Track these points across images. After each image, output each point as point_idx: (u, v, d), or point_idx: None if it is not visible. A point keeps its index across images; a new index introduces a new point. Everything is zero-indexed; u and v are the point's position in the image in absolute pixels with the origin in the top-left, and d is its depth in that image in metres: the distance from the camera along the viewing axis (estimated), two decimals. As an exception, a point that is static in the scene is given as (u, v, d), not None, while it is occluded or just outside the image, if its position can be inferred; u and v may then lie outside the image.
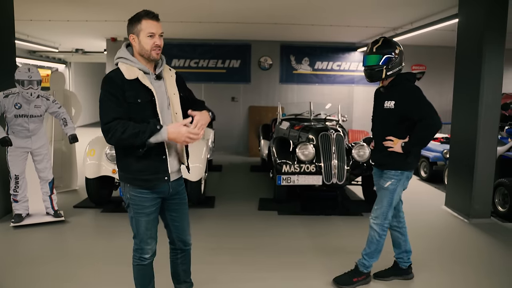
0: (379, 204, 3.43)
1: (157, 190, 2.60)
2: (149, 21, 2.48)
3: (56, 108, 5.11)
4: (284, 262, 4.07)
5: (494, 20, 5.18)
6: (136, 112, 2.45)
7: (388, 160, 3.40)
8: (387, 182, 3.40)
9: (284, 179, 5.51)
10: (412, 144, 3.29)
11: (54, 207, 5.14)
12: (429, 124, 3.22)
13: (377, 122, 3.56)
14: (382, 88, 3.45)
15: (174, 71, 2.73)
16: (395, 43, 3.37)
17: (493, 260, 4.25)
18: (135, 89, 2.45)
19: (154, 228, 2.70)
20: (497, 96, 5.36)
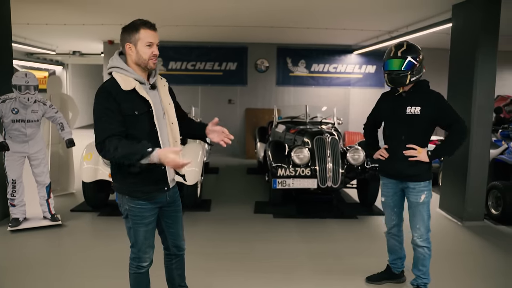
0: (420, 221, 3.29)
1: (156, 201, 2.60)
2: (148, 31, 2.46)
3: (53, 113, 5.15)
4: (278, 266, 4.12)
5: (487, 24, 5.24)
6: (133, 124, 2.43)
7: (416, 172, 3.24)
8: (421, 196, 3.26)
9: (279, 182, 5.55)
10: (442, 152, 3.24)
11: (51, 211, 5.18)
12: (460, 129, 3.16)
13: (397, 129, 3.31)
14: (404, 93, 3.27)
15: (165, 80, 2.73)
16: (418, 48, 3.24)
17: (485, 263, 4.31)
18: (131, 100, 2.41)
19: (152, 237, 2.70)
20: (490, 99, 5.42)
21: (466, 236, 5.07)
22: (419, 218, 3.30)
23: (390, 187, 3.42)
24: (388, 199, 3.48)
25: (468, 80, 5.42)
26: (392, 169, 3.35)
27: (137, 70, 2.51)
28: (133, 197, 2.54)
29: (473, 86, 5.32)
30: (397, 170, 3.30)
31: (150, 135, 2.47)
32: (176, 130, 2.64)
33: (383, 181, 3.49)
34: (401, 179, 3.33)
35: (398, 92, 3.30)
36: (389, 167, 3.37)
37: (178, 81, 10.55)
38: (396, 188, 3.40)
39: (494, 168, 6.01)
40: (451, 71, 5.86)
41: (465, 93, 5.46)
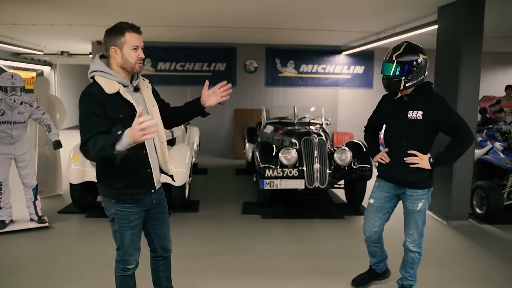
0: (414, 228, 3.21)
1: (142, 203, 2.61)
2: (133, 34, 2.46)
3: (39, 114, 5.13)
4: (265, 266, 4.15)
5: (471, 26, 5.31)
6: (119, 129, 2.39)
7: (417, 179, 3.11)
8: (418, 204, 3.14)
9: (267, 183, 5.58)
10: (445, 160, 3.07)
11: (38, 213, 5.15)
12: (465, 136, 2.97)
13: (398, 134, 3.16)
14: (406, 97, 3.10)
15: (148, 81, 2.72)
16: (418, 50, 3.01)
17: (470, 262, 4.37)
18: (116, 104, 2.41)
19: (139, 240, 2.71)
20: (474, 100, 5.49)
21: (451, 236, 5.14)
22: (413, 224, 3.21)
23: (385, 191, 3.27)
24: (377, 202, 3.31)
25: (453, 81, 5.49)
26: (392, 174, 3.21)
27: (120, 73, 2.50)
28: (119, 201, 2.54)
29: (458, 87, 5.39)
30: (397, 176, 3.17)
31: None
32: (162, 131, 2.64)
33: (380, 183, 3.33)
34: (400, 185, 3.20)
35: (397, 95, 3.15)
36: (389, 172, 3.23)
37: (167, 81, 10.54)
38: (392, 193, 3.26)
39: (478, 168, 6.09)
40: (436, 72, 5.94)
41: (450, 94, 5.53)
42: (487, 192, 5.49)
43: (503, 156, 5.75)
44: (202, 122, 10.41)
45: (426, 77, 3.05)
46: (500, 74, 11.71)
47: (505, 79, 11.53)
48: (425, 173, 3.08)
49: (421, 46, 3.04)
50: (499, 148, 5.92)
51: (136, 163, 2.49)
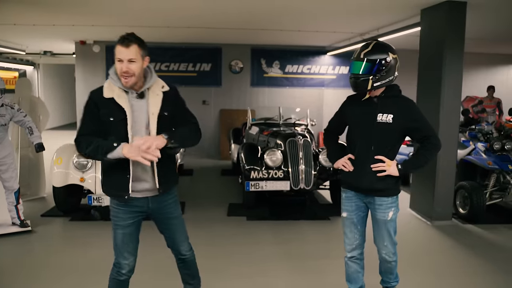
0: (387, 239, 2.99)
1: (132, 204, 2.64)
2: (119, 47, 2.51)
3: (21, 116, 5.06)
4: (250, 269, 4.15)
5: (453, 28, 5.39)
6: (109, 130, 2.55)
7: (384, 186, 2.90)
8: (389, 213, 2.94)
9: (252, 185, 5.58)
10: (413, 166, 2.92)
11: (20, 217, 5.08)
12: (434, 144, 2.86)
13: (365, 138, 2.91)
14: (375, 99, 2.90)
15: (165, 90, 2.67)
16: (387, 49, 2.83)
17: (453, 262, 4.43)
18: (109, 107, 2.53)
19: (132, 243, 2.72)
20: (456, 101, 5.56)
21: (434, 236, 5.20)
22: (386, 235, 2.98)
23: (354, 201, 3.01)
24: (351, 215, 3.03)
25: (436, 82, 5.55)
26: (358, 182, 2.94)
27: None
28: (112, 198, 2.68)
29: (440, 88, 5.46)
30: (364, 184, 2.92)
31: (125, 141, 2.51)
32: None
33: (346, 194, 3.05)
34: (368, 193, 2.95)
35: (364, 97, 2.94)
36: (355, 180, 2.96)
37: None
38: (360, 202, 3.01)
39: (462, 169, 6.17)
40: (420, 73, 6.00)
41: (433, 95, 5.60)
42: (470, 192, 5.55)
43: (485, 157, 5.83)
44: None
45: (395, 77, 2.87)
46: (483, 74, 11.86)
47: (487, 79, 11.70)
48: (392, 179, 2.90)
49: (392, 45, 2.88)
50: (481, 148, 6.00)
51: (116, 166, 2.56)
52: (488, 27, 7.39)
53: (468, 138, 6.52)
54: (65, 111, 18.43)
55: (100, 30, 8.52)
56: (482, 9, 5.78)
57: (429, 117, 5.59)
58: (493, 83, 11.13)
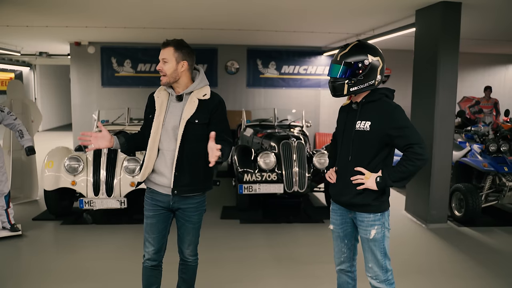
0: (372, 261, 2.67)
1: (156, 198, 2.82)
2: (161, 49, 2.74)
3: (11, 120, 5.00)
4: (242, 275, 4.10)
5: (447, 29, 5.34)
6: (149, 125, 2.79)
7: (363, 201, 2.62)
8: (371, 231, 2.63)
9: (245, 188, 5.53)
10: (394, 178, 2.53)
11: (11, 221, 5.02)
12: (417, 153, 2.46)
13: (344, 148, 2.71)
14: (354, 105, 2.68)
15: (206, 97, 2.73)
16: (367, 50, 2.58)
17: (447, 266, 4.37)
18: (152, 106, 2.81)
19: (154, 234, 2.86)
20: (451, 103, 5.51)
21: (429, 239, 5.15)
22: (370, 256, 2.68)
23: (339, 214, 2.81)
24: (337, 228, 2.84)
25: (430, 83, 5.50)
26: (338, 195, 2.74)
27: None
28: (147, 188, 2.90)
29: (435, 89, 5.41)
30: (344, 198, 2.69)
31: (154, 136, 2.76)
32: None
33: (333, 206, 2.86)
34: (349, 208, 2.72)
35: (349, 102, 2.76)
36: (336, 193, 2.77)
37: (147, 83, 10.44)
38: (346, 216, 2.78)
39: (458, 171, 6.12)
40: (415, 74, 5.95)
41: (428, 96, 5.55)
42: (465, 195, 5.51)
43: (481, 159, 5.79)
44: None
45: (379, 82, 2.61)
46: (480, 74, 11.82)
47: (484, 79, 11.66)
48: (373, 194, 2.59)
49: (375, 46, 2.65)
50: (477, 150, 5.95)
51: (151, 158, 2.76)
52: (484, 27, 7.34)
53: (464, 139, 6.47)
54: (61, 112, 18.39)
55: (95, 31, 8.48)
56: (477, 9, 5.74)
57: (424, 119, 5.61)
58: (490, 83, 11.11)
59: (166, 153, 2.75)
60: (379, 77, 2.60)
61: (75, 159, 5.36)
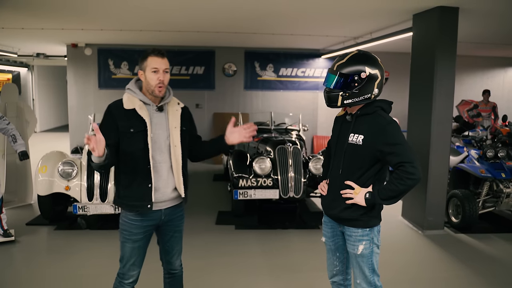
0: (360, 276, 2.60)
1: (148, 218, 2.67)
2: (154, 58, 2.60)
3: (4, 124, 4.96)
4: (235, 282, 4.05)
5: (445, 34, 5.29)
6: (128, 141, 2.59)
7: (351, 216, 2.56)
8: (359, 246, 2.56)
9: (241, 193, 5.49)
10: (382, 196, 2.44)
11: (4, 226, 4.97)
12: (409, 172, 2.36)
13: (335, 159, 2.64)
14: (348, 116, 2.61)
15: (182, 105, 2.80)
16: (366, 62, 2.48)
17: (443, 274, 4.33)
18: (130, 119, 2.58)
19: (140, 256, 2.75)
20: (448, 108, 5.47)
21: (425, 246, 5.10)
22: (358, 271, 2.61)
23: (330, 227, 2.75)
24: (328, 241, 2.78)
25: (427, 88, 5.46)
26: (327, 208, 2.69)
27: (147, 94, 2.66)
28: (125, 211, 2.68)
29: (432, 94, 5.36)
30: (332, 210, 2.64)
31: (143, 152, 2.59)
32: (179, 152, 2.69)
33: (324, 218, 2.81)
34: (338, 221, 2.67)
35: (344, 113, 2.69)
36: (326, 205, 2.72)
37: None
38: (336, 229, 2.72)
39: (455, 176, 6.08)
40: (412, 79, 5.91)
41: (425, 101, 5.51)
42: (462, 201, 5.47)
43: (478, 165, 5.74)
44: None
45: (375, 96, 2.51)
46: (478, 78, 11.78)
47: (483, 83, 11.62)
48: (360, 209, 2.53)
49: (376, 57, 2.55)
50: (474, 156, 5.91)
51: (137, 176, 2.60)
52: (482, 30, 7.30)
53: (462, 144, 6.43)
54: (59, 113, 18.34)
55: (91, 33, 8.43)
56: (475, 13, 5.70)
57: (421, 124, 5.56)
58: (488, 86, 11.07)
59: (160, 166, 2.64)
60: (376, 91, 2.50)
61: (69, 164, 5.31)
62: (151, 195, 2.61)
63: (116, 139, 2.57)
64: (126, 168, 2.63)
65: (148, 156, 2.59)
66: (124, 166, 2.63)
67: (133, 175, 2.61)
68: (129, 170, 2.62)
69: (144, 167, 2.59)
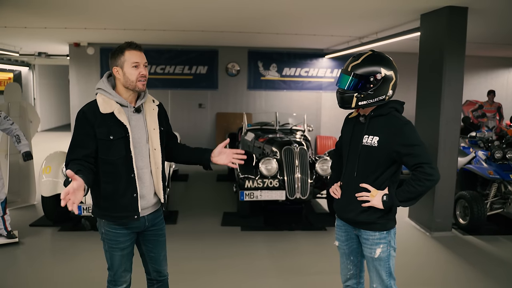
0: (377, 281, 2.56)
1: (131, 226, 2.53)
2: (133, 52, 2.42)
3: (8, 124, 4.90)
4: (241, 285, 4.00)
5: (453, 34, 5.23)
6: (107, 149, 2.39)
7: (368, 219, 2.51)
8: (376, 249, 2.51)
9: (247, 194, 5.43)
10: (400, 198, 2.40)
11: (7, 227, 4.92)
12: (427, 173, 2.33)
13: (350, 163, 2.59)
14: (362, 117, 2.55)
15: (157, 103, 2.64)
16: (381, 63, 2.43)
17: (451, 276, 4.29)
18: (107, 124, 2.38)
19: (129, 261, 2.65)
20: (457, 109, 5.41)
21: (433, 248, 5.05)
22: (375, 275, 2.57)
23: (344, 231, 2.70)
24: (342, 245, 2.73)
25: (435, 89, 5.40)
26: (342, 212, 2.63)
27: (123, 93, 2.47)
28: (108, 221, 2.50)
29: (441, 96, 5.31)
30: (347, 214, 2.58)
31: (126, 160, 2.42)
32: (158, 155, 2.54)
33: (337, 222, 2.75)
34: (353, 225, 2.61)
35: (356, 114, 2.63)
36: (340, 209, 2.65)
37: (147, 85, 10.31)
38: (351, 233, 2.67)
39: (462, 177, 6.02)
40: (419, 79, 5.85)
41: (433, 102, 5.45)
42: (470, 202, 5.41)
43: (486, 166, 5.69)
44: (183, 126, 10.28)
45: (389, 97, 2.47)
46: (483, 78, 11.73)
47: (488, 83, 11.57)
48: (377, 212, 2.48)
49: (390, 57, 2.49)
50: (482, 157, 5.85)
51: (121, 186, 2.43)
52: (489, 31, 7.25)
53: (468, 145, 6.37)
54: (60, 113, 18.28)
55: (94, 32, 8.37)
56: (483, 13, 5.64)
57: (429, 125, 5.50)
58: (493, 86, 11.02)
59: (142, 173, 2.48)
60: (391, 92, 2.46)
61: (73, 165, 5.24)
62: (137, 204, 2.46)
63: (94, 147, 2.37)
64: (107, 177, 2.42)
65: (131, 163, 2.41)
66: (105, 176, 2.42)
67: (115, 185, 2.42)
68: (110, 180, 2.42)
69: (128, 176, 2.42)
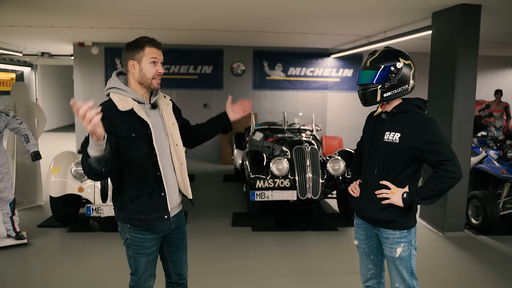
0: (399, 280, 2.51)
1: (158, 230, 2.45)
2: (153, 48, 2.39)
3: (16, 124, 4.84)
4: (254, 286, 3.94)
5: (467, 33, 5.17)
6: (131, 147, 2.30)
7: (388, 217, 2.46)
8: (397, 249, 2.46)
9: (257, 194, 5.37)
10: (422, 196, 2.35)
11: (16, 228, 4.86)
12: (450, 171, 2.29)
13: (370, 160, 2.56)
14: (384, 114, 2.52)
15: (169, 98, 2.60)
16: (398, 54, 2.45)
17: (464, 277, 4.23)
18: (129, 122, 2.30)
19: (154, 266, 2.58)
20: (470, 109, 5.35)
21: (446, 248, 4.99)
22: (396, 275, 2.52)
23: (363, 229, 2.66)
24: (362, 244, 2.68)
25: (448, 89, 5.35)
26: (362, 210, 2.60)
27: (137, 90, 2.40)
28: (135, 227, 2.41)
29: (453, 95, 5.25)
30: (367, 212, 2.55)
31: (150, 158, 2.34)
32: (181, 151, 2.50)
33: (356, 221, 2.71)
34: (373, 223, 2.57)
35: (377, 111, 2.61)
36: (359, 207, 2.62)
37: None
38: (370, 232, 2.63)
39: (473, 177, 5.96)
40: (431, 79, 5.79)
41: (445, 102, 5.39)
42: (482, 202, 5.36)
43: (498, 165, 5.63)
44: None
45: (412, 88, 2.47)
46: (489, 77, 11.68)
47: (494, 83, 11.52)
48: (397, 210, 2.43)
49: (405, 51, 2.52)
50: (494, 156, 5.80)
51: (147, 186, 2.36)
52: (500, 29, 7.19)
53: (477, 144, 6.31)
54: (63, 113, 18.23)
55: (99, 31, 8.31)
56: (495, 11, 5.58)
57: (441, 125, 5.43)
58: (500, 86, 10.97)
59: (166, 171, 2.41)
60: (412, 82, 2.46)
61: (82, 165, 5.19)
62: (167, 203, 2.40)
63: (115, 142, 2.26)
64: (132, 178, 2.34)
65: (156, 161, 2.34)
66: (130, 177, 2.34)
67: (142, 185, 2.35)
68: (136, 180, 2.34)
69: (154, 175, 2.35)
